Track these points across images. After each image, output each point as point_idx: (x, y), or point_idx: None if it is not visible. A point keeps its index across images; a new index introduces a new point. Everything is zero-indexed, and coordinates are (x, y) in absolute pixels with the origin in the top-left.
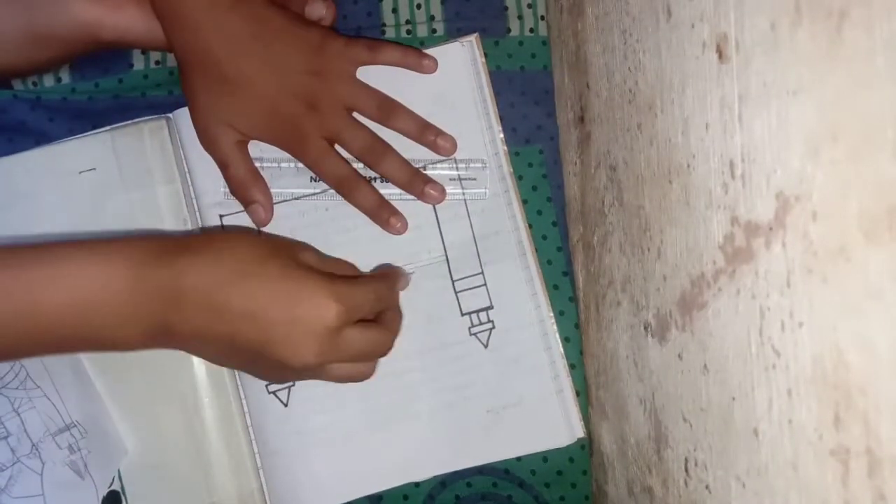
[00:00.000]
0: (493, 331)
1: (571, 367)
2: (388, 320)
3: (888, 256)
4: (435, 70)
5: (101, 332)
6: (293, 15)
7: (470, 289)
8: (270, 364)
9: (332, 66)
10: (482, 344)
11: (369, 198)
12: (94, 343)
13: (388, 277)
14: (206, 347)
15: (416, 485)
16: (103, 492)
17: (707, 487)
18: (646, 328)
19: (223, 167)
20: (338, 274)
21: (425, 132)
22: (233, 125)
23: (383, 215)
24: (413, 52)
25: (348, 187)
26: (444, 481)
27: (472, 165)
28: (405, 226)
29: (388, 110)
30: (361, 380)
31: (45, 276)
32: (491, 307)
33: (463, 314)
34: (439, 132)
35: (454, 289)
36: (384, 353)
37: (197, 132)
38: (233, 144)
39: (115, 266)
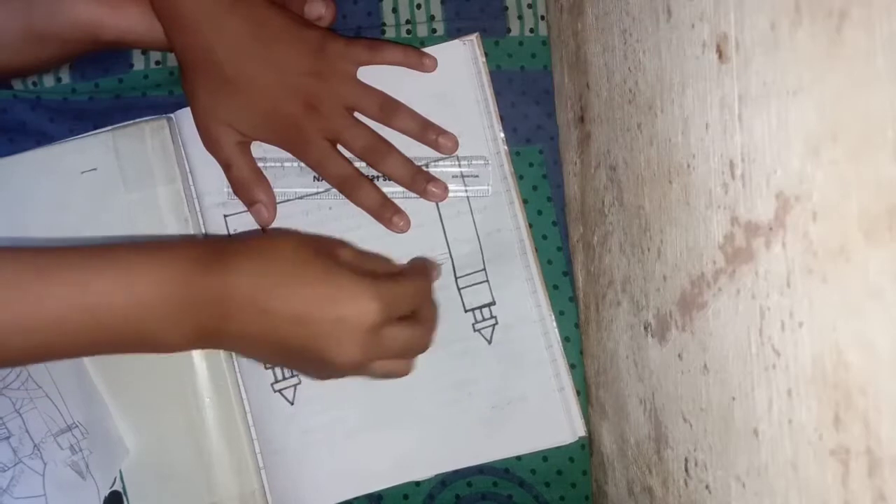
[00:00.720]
0: (497, 327)
1: (571, 366)
2: (426, 315)
3: (888, 256)
4: (435, 69)
5: (153, 335)
6: (293, 16)
7: (473, 285)
8: (318, 363)
9: (333, 66)
10: (486, 340)
11: (372, 197)
12: (145, 345)
13: (424, 271)
14: (254, 349)
15: (417, 484)
16: (105, 492)
17: (707, 487)
18: (646, 328)
19: (226, 168)
20: (378, 272)
21: (427, 131)
22: (234, 126)
23: (386, 214)
24: (413, 51)
25: (351, 187)
26: (444, 480)
27: (474, 162)
28: (408, 224)
29: (390, 110)
30: (401, 376)
31: (106, 279)
32: (493, 303)
33: (466, 310)
34: (441, 131)
35: (457, 285)
36: (424, 348)
37: (199, 133)
38: (234, 145)
39: (170, 272)
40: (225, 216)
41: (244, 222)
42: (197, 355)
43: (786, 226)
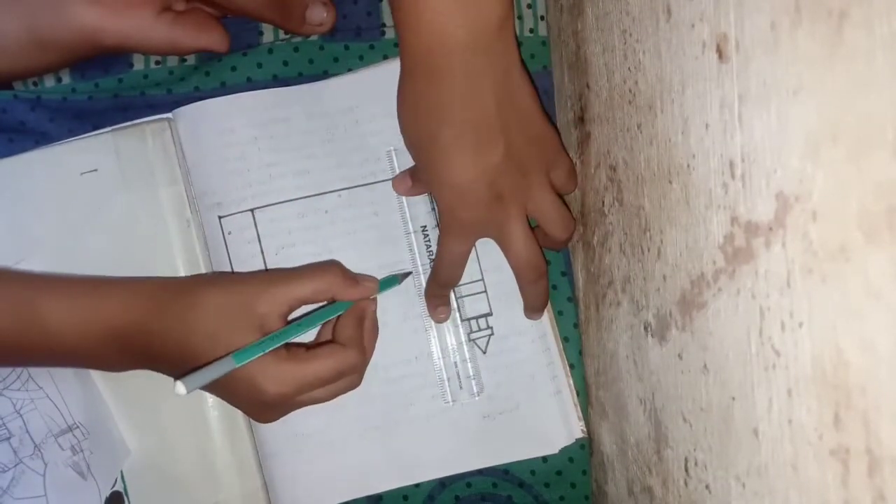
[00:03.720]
0: (492, 337)
1: (571, 366)
2: (350, 369)
3: (888, 256)
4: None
5: (94, 362)
6: (539, 107)
7: (470, 295)
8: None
9: (540, 171)
10: (480, 350)
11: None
12: (89, 366)
13: (352, 343)
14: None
15: (416, 485)
16: (106, 492)
17: (707, 487)
18: (646, 328)
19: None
20: (303, 346)
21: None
22: (426, 177)
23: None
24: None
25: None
26: (443, 482)
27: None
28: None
29: (568, 233)
30: (349, 390)
31: (62, 309)
32: (490, 313)
33: (462, 320)
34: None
35: (454, 294)
36: (355, 374)
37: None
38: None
39: (111, 315)
40: (219, 217)
41: (238, 224)
42: None
43: (786, 226)
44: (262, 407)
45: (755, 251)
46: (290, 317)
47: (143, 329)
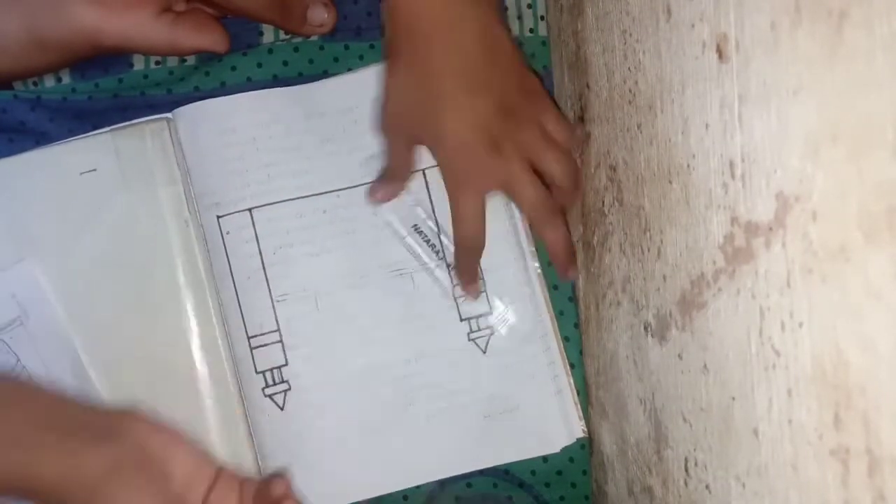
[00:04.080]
0: (492, 337)
1: (571, 366)
2: None
3: (888, 256)
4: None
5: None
6: (520, 53)
7: None
8: None
9: (531, 118)
10: (480, 350)
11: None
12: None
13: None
14: None
15: (416, 486)
16: None
17: (707, 487)
18: (646, 328)
19: (385, 153)
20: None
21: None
22: (414, 130)
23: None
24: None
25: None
26: (443, 482)
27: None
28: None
29: (574, 180)
30: None
31: None
32: (490, 313)
33: (462, 320)
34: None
35: (454, 294)
36: None
37: (384, 116)
38: (404, 143)
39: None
40: (218, 217)
41: (236, 224)
42: (198, 356)
43: (786, 226)
44: None
45: (755, 251)
46: None
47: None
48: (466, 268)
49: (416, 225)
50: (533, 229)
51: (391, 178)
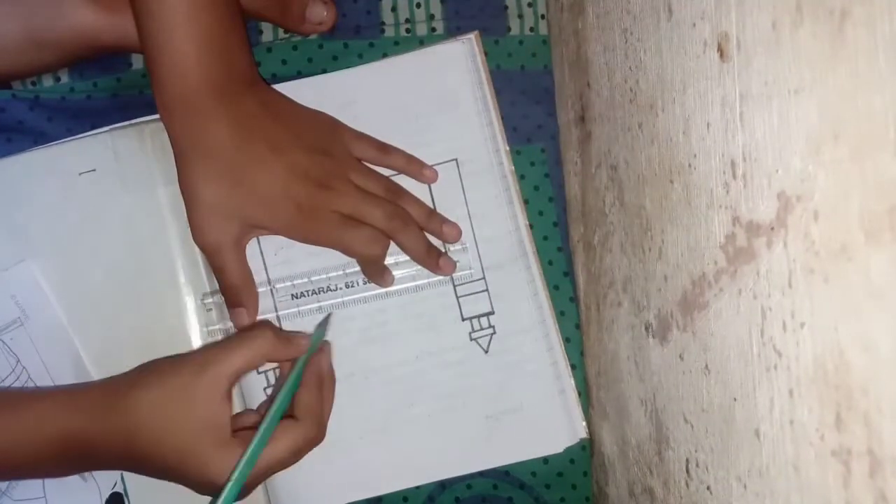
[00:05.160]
0: (494, 336)
1: (572, 367)
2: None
3: (889, 256)
4: (435, 180)
5: (39, 473)
6: (301, 105)
7: (471, 294)
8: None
9: (343, 149)
10: (482, 349)
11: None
12: (34, 477)
13: (305, 432)
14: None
15: (417, 486)
16: (106, 493)
17: (708, 488)
18: (647, 329)
19: (218, 272)
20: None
21: (432, 219)
22: (241, 218)
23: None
24: (416, 161)
25: (378, 264)
26: (444, 483)
27: (452, 248)
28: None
29: (396, 196)
30: (311, 450)
31: (3, 427)
32: (492, 312)
33: (464, 319)
34: (444, 220)
35: (455, 294)
36: (313, 447)
37: (196, 229)
38: (232, 246)
39: (54, 428)
40: None
41: None
42: None
43: (787, 225)
44: None
45: (757, 251)
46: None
47: (84, 437)
48: (373, 275)
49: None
50: (393, 240)
51: (238, 297)
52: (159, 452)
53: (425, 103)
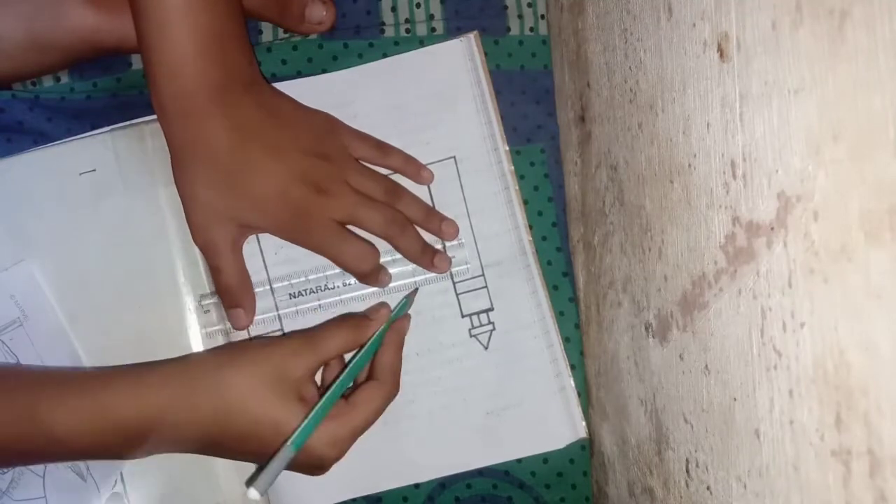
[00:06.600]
0: (494, 332)
1: (572, 367)
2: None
3: (889, 256)
4: (432, 181)
5: (109, 456)
6: (301, 104)
7: (471, 290)
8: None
9: (341, 151)
10: (482, 345)
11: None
12: (102, 458)
13: (375, 393)
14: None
15: (416, 486)
16: (106, 494)
17: (708, 488)
18: (647, 329)
19: (215, 272)
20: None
21: (430, 219)
22: (236, 219)
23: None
24: (414, 162)
25: (373, 270)
26: (443, 483)
27: (449, 244)
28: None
29: (395, 196)
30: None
31: (67, 412)
32: (491, 309)
33: (463, 316)
34: (443, 218)
35: (455, 290)
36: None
37: (194, 230)
38: (229, 246)
39: (124, 413)
40: None
41: None
42: None
43: (787, 226)
44: (321, 467)
45: (756, 251)
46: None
47: (162, 416)
48: (366, 282)
49: None
50: (389, 244)
51: (235, 298)
52: (257, 430)
53: (424, 103)
